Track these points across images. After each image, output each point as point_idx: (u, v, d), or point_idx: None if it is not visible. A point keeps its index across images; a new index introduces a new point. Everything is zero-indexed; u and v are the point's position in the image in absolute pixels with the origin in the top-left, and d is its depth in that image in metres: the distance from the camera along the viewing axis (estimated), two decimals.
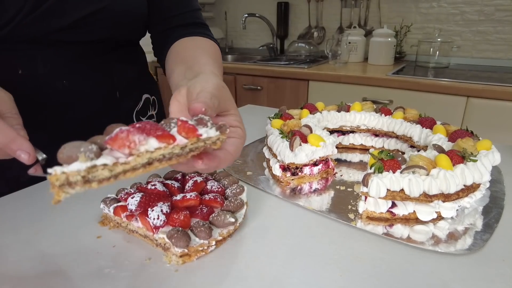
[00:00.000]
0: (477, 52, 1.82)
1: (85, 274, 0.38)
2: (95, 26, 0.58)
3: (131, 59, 0.74)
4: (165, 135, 0.29)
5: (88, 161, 0.26)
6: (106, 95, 0.68)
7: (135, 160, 0.28)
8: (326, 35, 2.21)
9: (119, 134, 0.27)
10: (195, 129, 0.31)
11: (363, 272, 0.39)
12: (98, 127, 0.67)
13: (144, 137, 0.28)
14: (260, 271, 0.39)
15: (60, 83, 0.60)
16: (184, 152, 0.31)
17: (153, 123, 0.29)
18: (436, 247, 0.42)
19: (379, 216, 0.48)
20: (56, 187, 0.26)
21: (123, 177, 0.28)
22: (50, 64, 0.58)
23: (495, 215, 0.49)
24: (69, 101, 0.62)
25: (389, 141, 0.72)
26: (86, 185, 0.26)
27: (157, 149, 0.29)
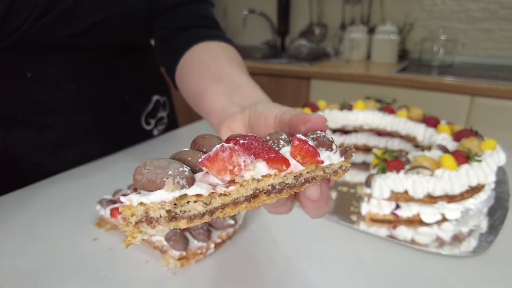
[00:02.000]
0: (482, 50, 1.80)
1: (81, 277, 0.37)
2: (106, 31, 0.58)
3: (141, 61, 0.73)
4: (278, 158, 0.22)
5: (178, 189, 0.19)
6: (115, 98, 0.68)
7: (237, 191, 0.21)
8: (328, 32, 2.20)
9: (219, 152, 0.20)
10: (316, 153, 0.23)
11: (366, 275, 0.38)
12: (106, 130, 0.67)
13: (251, 160, 0.21)
14: (260, 274, 0.38)
15: (69, 86, 0.60)
16: (298, 182, 0.23)
17: (262, 140, 0.22)
18: (440, 250, 0.42)
19: (382, 218, 0.48)
20: (131, 224, 0.19)
21: (220, 214, 0.21)
22: (60, 68, 0.58)
23: (500, 216, 0.49)
24: (78, 104, 0.62)
25: (392, 141, 0.71)
26: (172, 223, 0.20)
27: (265, 176, 0.22)
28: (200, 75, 0.47)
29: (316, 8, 2.19)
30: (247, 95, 0.40)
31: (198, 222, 0.21)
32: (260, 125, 0.31)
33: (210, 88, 0.43)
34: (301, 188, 0.24)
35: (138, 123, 0.74)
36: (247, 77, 0.45)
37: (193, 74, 0.49)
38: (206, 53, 0.51)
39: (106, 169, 0.64)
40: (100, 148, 0.67)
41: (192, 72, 0.50)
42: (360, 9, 2.05)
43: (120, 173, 0.62)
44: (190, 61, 0.51)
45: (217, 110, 0.39)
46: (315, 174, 0.24)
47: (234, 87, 0.42)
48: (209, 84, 0.44)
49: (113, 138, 0.70)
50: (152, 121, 0.77)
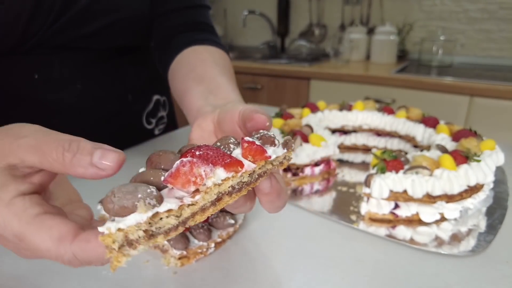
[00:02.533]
0: (481, 51, 1.81)
1: (82, 277, 0.37)
2: (113, 33, 0.59)
3: (142, 61, 0.73)
4: (233, 162, 0.24)
5: (150, 209, 0.20)
6: (119, 98, 0.68)
7: (203, 199, 0.23)
8: (327, 32, 2.20)
9: (180, 168, 0.21)
10: (264, 151, 0.26)
11: (365, 275, 0.38)
12: (109, 130, 0.67)
13: (210, 168, 0.23)
14: (261, 273, 0.38)
15: (74, 87, 0.60)
16: (253, 179, 0.26)
17: (214, 148, 0.24)
18: (439, 249, 0.42)
19: (381, 217, 0.48)
20: (114, 250, 0.20)
21: (192, 222, 0.23)
22: (67, 69, 0.58)
23: (498, 216, 0.49)
24: (83, 104, 0.62)
25: (391, 141, 0.71)
26: (151, 241, 0.21)
27: (224, 180, 0.23)
28: (185, 76, 0.50)
29: (315, 9, 2.19)
30: (222, 96, 0.42)
31: (174, 234, 0.22)
32: (226, 121, 0.33)
33: (192, 88, 0.46)
34: (256, 183, 0.26)
35: (139, 122, 0.74)
36: (228, 79, 0.48)
37: (180, 75, 0.52)
38: (194, 56, 0.54)
39: None
40: None
41: (180, 73, 0.53)
42: (360, 9, 2.05)
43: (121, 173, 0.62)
44: (180, 63, 0.55)
45: (194, 109, 0.42)
46: (266, 168, 0.27)
47: (212, 88, 0.44)
48: (191, 85, 0.47)
49: (115, 138, 0.70)
50: (153, 121, 0.77)
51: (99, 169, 0.24)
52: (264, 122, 0.29)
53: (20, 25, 0.49)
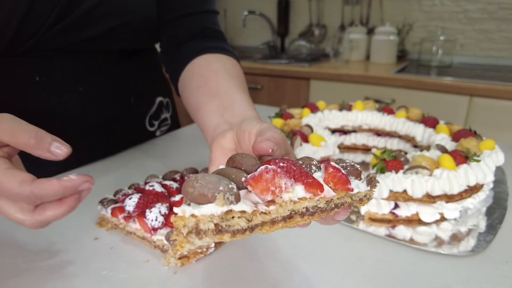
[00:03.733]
0: (481, 51, 1.81)
1: (82, 276, 0.37)
2: (117, 38, 0.58)
3: (146, 64, 0.73)
4: (315, 183, 0.23)
5: (227, 204, 0.20)
6: (121, 101, 0.68)
7: (276, 211, 0.22)
8: (327, 33, 2.20)
9: (263, 173, 0.21)
10: (348, 181, 0.25)
11: (365, 274, 0.38)
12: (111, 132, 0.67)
13: (291, 183, 0.22)
14: (261, 273, 0.38)
15: (77, 89, 0.60)
16: (328, 207, 0.25)
17: (298, 165, 0.24)
18: (439, 249, 0.42)
19: (381, 217, 0.48)
20: (182, 234, 0.20)
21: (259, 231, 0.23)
22: (68, 72, 0.58)
23: (498, 216, 0.49)
24: (85, 108, 0.62)
25: (391, 141, 0.71)
26: (217, 236, 0.21)
27: (301, 199, 0.23)
28: (198, 89, 0.49)
29: (315, 9, 2.19)
30: (238, 112, 0.41)
31: (240, 237, 0.22)
32: (245, 141, 0.33)
33: (206, 103, 0.45)
34: (330, 213, 0.26)
35: (142, 125, 0.74)
36: (242, 93, 0.47)
37: (192, 88, 0.51)
38: (206, 67, 0.52)
39: (107, 169, 0.64)
40: (104, 151, 0.67)
41: (191, 85, 0.51)
42: (360, 10, 2.05)
43: (120, 173, 0.62)
44: (191, 74, 0.53)
45: (210, 127, 0.42)
46: (344, 200, 0.26)
47: (227, 104, 0.43)
48: (205, 100, 0.46)
49: (117, 141, 0.70)
50: (156, 123, 0.77)
51: (52, 155, 0.33)
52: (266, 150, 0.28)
53: (11, 26, 0.48)
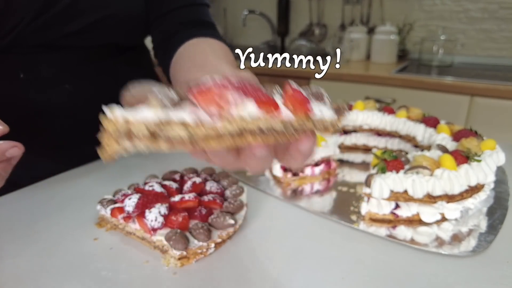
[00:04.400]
0: (481, 50, 1.80)
1: (81, 277, 0.37)
2: (101, 32, 0.57)
3: (137, 62, 0.72)
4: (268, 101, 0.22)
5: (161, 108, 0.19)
6: (111, 98, 0.67)
7: (223, 127, 0.21)
8: (327, 32, 2.20)
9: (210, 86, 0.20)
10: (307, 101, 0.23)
11: (366, 275, 0.38)
12: None
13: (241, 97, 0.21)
14: (261, 274, 0.38)
15: (63, 87, 0.59)
16: (288, 131, 0.23)
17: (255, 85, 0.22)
18: (440, 249, 0.42)
19: (382, 217, 0.48)
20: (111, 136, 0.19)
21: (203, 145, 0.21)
22: (54, 68, 0.57)
23: (499, 216, 0.49)
24: (72, 105, 0.61)
25: (392, 141, 0.71)
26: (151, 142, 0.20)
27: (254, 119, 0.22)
28: (188, 69, 0.50)
29: (316, 8, 2.19)
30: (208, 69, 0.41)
31: (179, 148, 0.20)
32: None
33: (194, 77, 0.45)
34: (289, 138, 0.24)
35: None
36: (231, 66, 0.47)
37: (182, 68, 0.51)
38: (194, 48, 0.53)
39: (106, 169, 0.64)
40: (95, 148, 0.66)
41: (181, 66, 0.52)
42: (360, 9, 2.05)
43: (120, 173, 0.62)
44: (181, 56, 0.54)
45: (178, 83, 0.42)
46: (305, 125, 0.24)
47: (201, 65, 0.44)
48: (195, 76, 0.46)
49: None
50: None
51: None
52: None
53: None
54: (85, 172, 0.62)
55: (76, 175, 0.61)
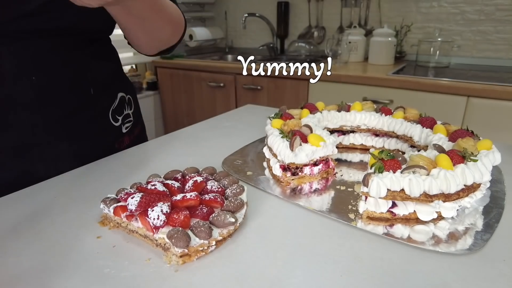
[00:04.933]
0: (478, 52, 1.82)
1: (85, 275, 0.38)
2: (60, 12, 0.54)
3: (105, 55, 0.71)
4: None
5: None
6: (80, 91, 0.65)
7: None
8: (326, 34, 2.21)
9: None
10: None
11: (363, 272, 0.39)
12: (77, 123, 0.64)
13: None
14: (261, 271, 0.39)
15: (29, 80, 0.56)
16: None
17: None
18: (436, 247, 0.42)
19: (379, 216, 0.48)
20: None
21: None
22: (17, 60, 0.55)
23: (495, 215, 0.49)
24: (40, 99, 0.58)
25: (389, 141, 0.72)
26: None
27: None
28: None
29: (314, 11, 2.20)
30: None
31: None
32: None
33: None
34: None
35: (106, 118, 0.72)
36: None
37: None
38: None
39: (109, 168, 0.64)
40: (70, 144, 0.64)
41: None
42: (358, 12, 2.06)
43: (123, 172, 0.62)
44: None
45: None
46: None
47: None
48: None
49: (82, 134, 0.67)
50: (119, 118, 0.75)
51: None
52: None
53: None
54: (88, 172, 0.63)
55: (79, 175, 0.62)
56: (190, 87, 2.17)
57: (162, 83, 2.28)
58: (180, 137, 0.82)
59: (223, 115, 1.01)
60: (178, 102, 2.27)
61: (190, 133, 0.85)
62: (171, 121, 2.36)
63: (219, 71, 2.02)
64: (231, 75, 1.98)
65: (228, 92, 2.03)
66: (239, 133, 0.84)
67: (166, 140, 0.80)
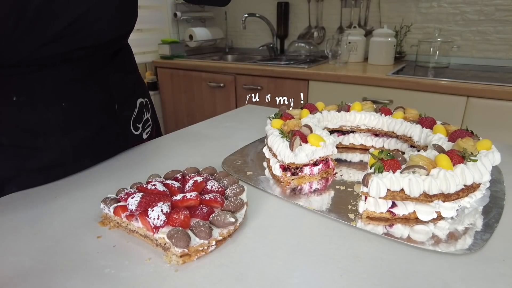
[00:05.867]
0: (477, 52, 1.82)
1: (85, 274, 0.38)
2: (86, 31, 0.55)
3: (127, 67, 0.71)
4: None
5: None
6: (106, 110, 0.66)
7: None
8: (326, 35, 2.21)
9: None
10: None
11: (363, 272, 0.39)
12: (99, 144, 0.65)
13: None
14: (260, 271, 0.39)
15: (59, 105, 0.57)
16: None
17: None
18: (436, 247, 0.42)
19: (379, 216, 0.48)
20: None
21: None
22: (47, 87, 0.55)
23: (495, 215, 0.49)
24: (68, 123, 0.59)
25: (389, 141, 0.72)
26: None
27: None
28: None
29: (314, 11, 2.20)
30: None
31: None
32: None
33: None
34: None
35: (128, 130, 0.73)
36: None
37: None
38: None
39: (109, 168, 0.64)
40: (93, 160, 0.66)
41: None
42: (358, 12, 2.06)
43: (123, 173, 0.63)
44: None
45: None
46: None
47: None
48: None
49: (105, 150, 0.68)
50: (139, 126, 0.76)
51: None
52: None
53: None
54: (88, 172, 0.63)
55: (79, 175, 0.62)
56: (190, 87, 2.17)
57: (162, 83, 2.29)
58: (180, 137, 0.82)
59: (223, 115, 1.01)
60: (178, 102, 2.27)
61: (190, 133, 0.85)
62: (171, 121, 2.36)
63: (219, 71, 2.02)
64: (231, 75, 1.98)
65: (228, 92, 2.03)
66: (239, 133, 0.84)
67: (166, 140, 0.80)
